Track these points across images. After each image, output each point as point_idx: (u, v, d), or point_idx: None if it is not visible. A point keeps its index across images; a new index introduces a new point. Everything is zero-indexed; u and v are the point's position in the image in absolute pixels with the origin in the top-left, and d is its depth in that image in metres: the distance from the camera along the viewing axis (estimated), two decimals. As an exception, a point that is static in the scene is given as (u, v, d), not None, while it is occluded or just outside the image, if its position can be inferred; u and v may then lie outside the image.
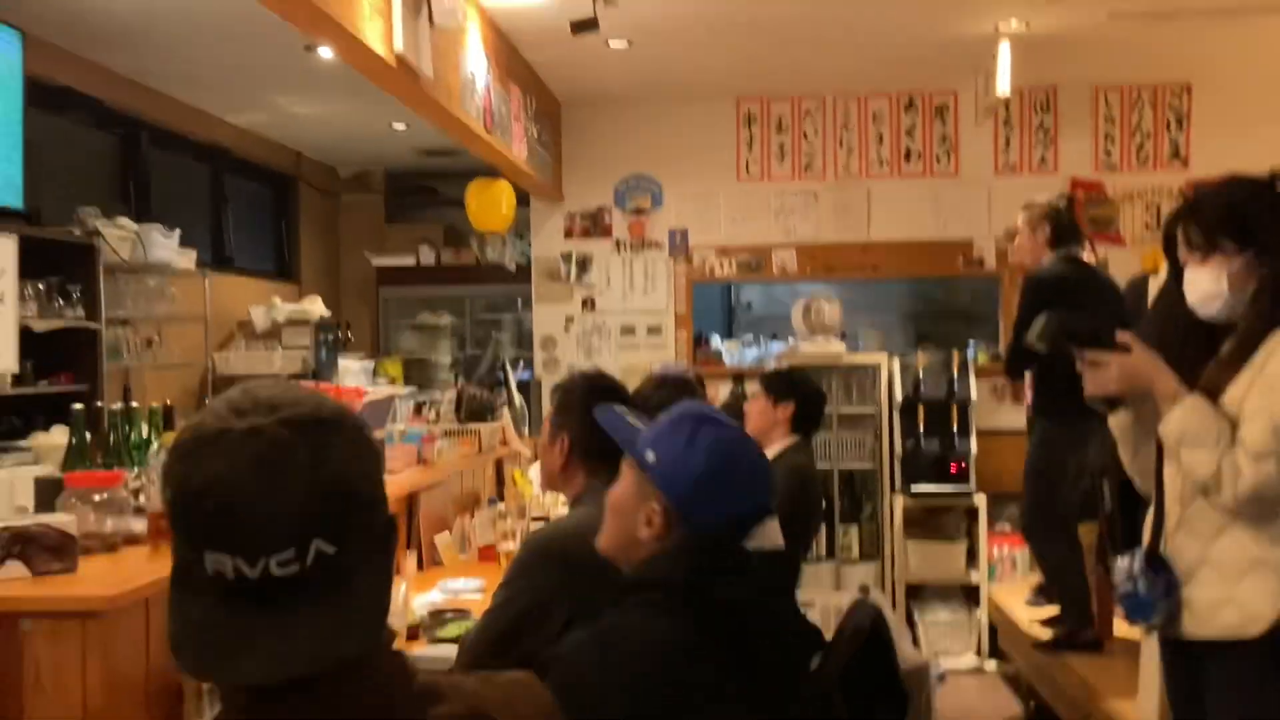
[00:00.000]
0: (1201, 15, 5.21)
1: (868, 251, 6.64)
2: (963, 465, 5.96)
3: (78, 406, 2.90)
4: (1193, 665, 2.24)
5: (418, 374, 8.41)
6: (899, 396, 6.10)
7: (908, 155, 6.63)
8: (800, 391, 3.89)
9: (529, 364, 6.87)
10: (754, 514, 1.62)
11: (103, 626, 2.04)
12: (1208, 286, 2.22)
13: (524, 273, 7.52)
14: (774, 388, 3.90)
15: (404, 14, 3.67)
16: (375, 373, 7.64)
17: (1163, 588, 2.22)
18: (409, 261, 8.56)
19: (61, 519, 2.22)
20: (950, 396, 6.04)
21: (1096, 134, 6.55)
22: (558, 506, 4.06)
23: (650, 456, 1.62)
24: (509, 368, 5.34)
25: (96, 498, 2.40)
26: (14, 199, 4.44)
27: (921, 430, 6.01)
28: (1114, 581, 2.36)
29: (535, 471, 4.58)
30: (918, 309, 7.88)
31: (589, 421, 2.58)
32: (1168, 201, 6.38)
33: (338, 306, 7.89)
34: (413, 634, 2.82)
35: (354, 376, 7.08)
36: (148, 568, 2.26)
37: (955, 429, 6.01)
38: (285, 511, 0.94)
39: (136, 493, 2.57)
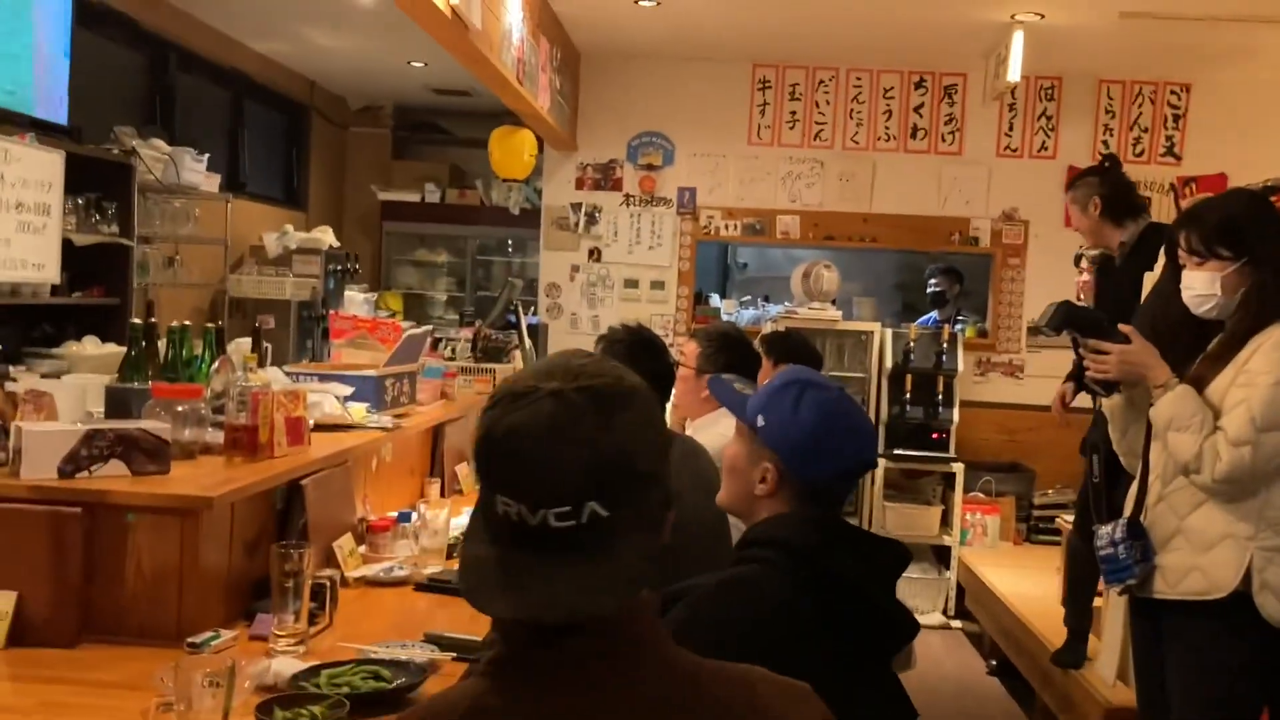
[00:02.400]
0: (1206, 21, 5.43)
1: (868, 222, 6.86)
2: (944, 434, 6.25)
3: (135, 322, 3.08)
4: (1156, 624, 2.53)
5: (415, 309, 8.60)
6: (889, 364, 6.37)
7: (914, 132, 6.84)
8: (799, 355, 4.08)
9: (533, 308, 7.07)
10: (858, 468, 1.83)
11: (198, 523, 2.26)
12: (1203, 289, 2.48)
13: (525, 217, 7.70)
14: (774, 350, 4.10)
15: (460, -33, 3.83)
16: (376, 305, 7.82)
17: (1140, 553, 2.49)
18: (414, 197, 8.71)
19: (157, 425, 2.43)
20: (938, 367, 6.31)
21: (1096, 125, 6.78)
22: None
23: (760, 421, 1.80)
24: (521, 311, 5.54)
25: (179, 408, 2.61)
26: (60, 115, 4.58)
27: (907, 398, 6.28)
28: (1096, 546, 2.64)
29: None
30: (911, 281, 8.13)
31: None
32: (1159, 195, 6.64)
33: (342, 238, 8.03)
34: (450, 553, 3.06)
35: (357, 307, 7.25)
36: (228, 474, 2.49)
37: (940, 399, 6.28)
38: (568, 470, 1.05)
39: (210, 406, 2.78)
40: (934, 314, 6.98)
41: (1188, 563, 2.40)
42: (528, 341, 5.49)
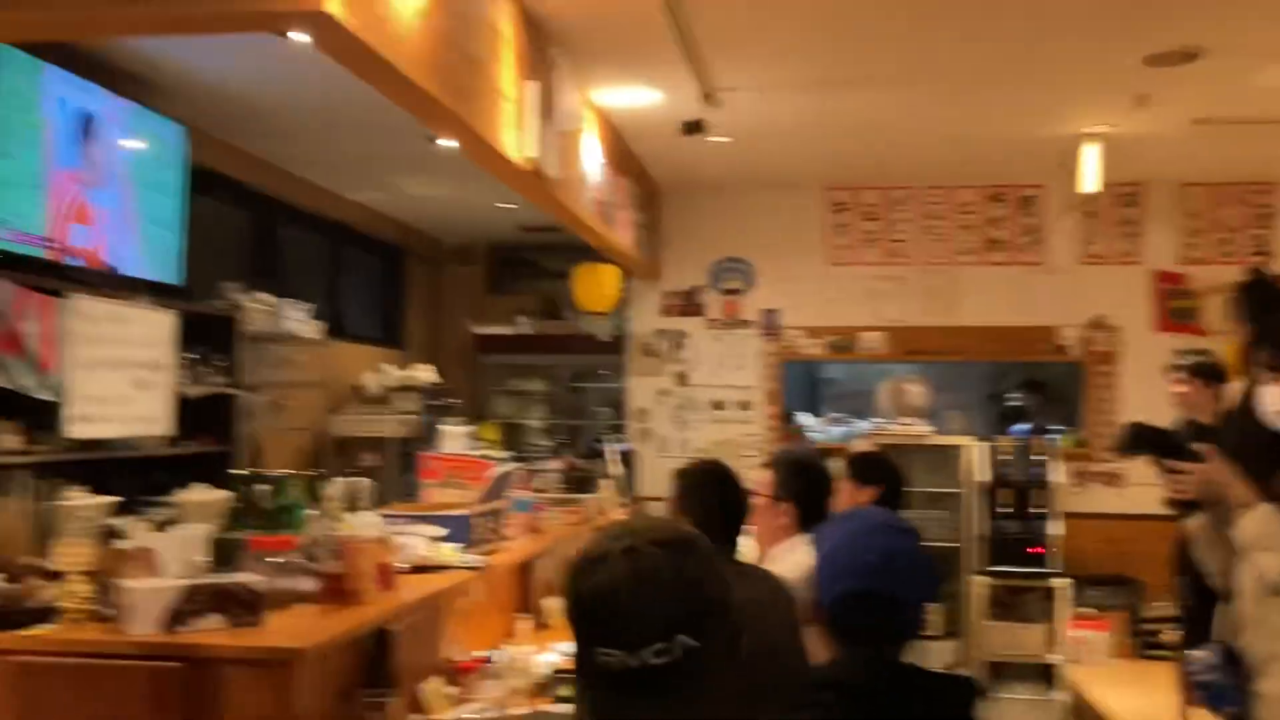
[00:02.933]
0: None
1: (954, 335, 6.86)
2: (1044, 547, 6.11)
3: (237, 472, 3.26)
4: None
5: (511, 438, 8.79)
6: (983, 477, 6.28)
7: (994, 244, 6.87)
8: (884, 476, 4.09)
9: (619, 431, 7.18)
10: (871, 594, 1.79)
11: (291, 672, 2.35)
12: (1278, 404, 2.45)
13: (616, 344, 7.88)
14: (858, 471, 4.10)
15: (535, 122, 4.06)
16: (475, 437, 8.01)
17: (1240, 678, 2.42)
18: (508, 330, 8.99)
19: (253, 578, 2.56)
20: (1033, 480, 6.20)
21: (1180, 228, 6.72)
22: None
23: None
24: (609, 440, 5.65)
25: (274, 559, 2.75)
26: (174, 277, 4.91)
27: (1004, 512, 6.18)
28: (1191, 672, 2.57)
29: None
30: (1001, 391, 8.04)
31: (705, 503, 2.93)
32: (1252, 295, 6.51)
33: (440, 372, 8.30)
34: (538, 691, 3.11)
35: (456, 441, 7.45)
36: (320, 623, 2.59)
37: (1037, 511, 6.16)
38: (656, 611, 1.20)
39: (304, 554, 2.91)
40: (1025, 424, 6.90)
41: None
42: (618, 468, 5.58)
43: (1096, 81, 4.95)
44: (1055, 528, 6.14)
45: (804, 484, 3.40)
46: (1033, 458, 6.26)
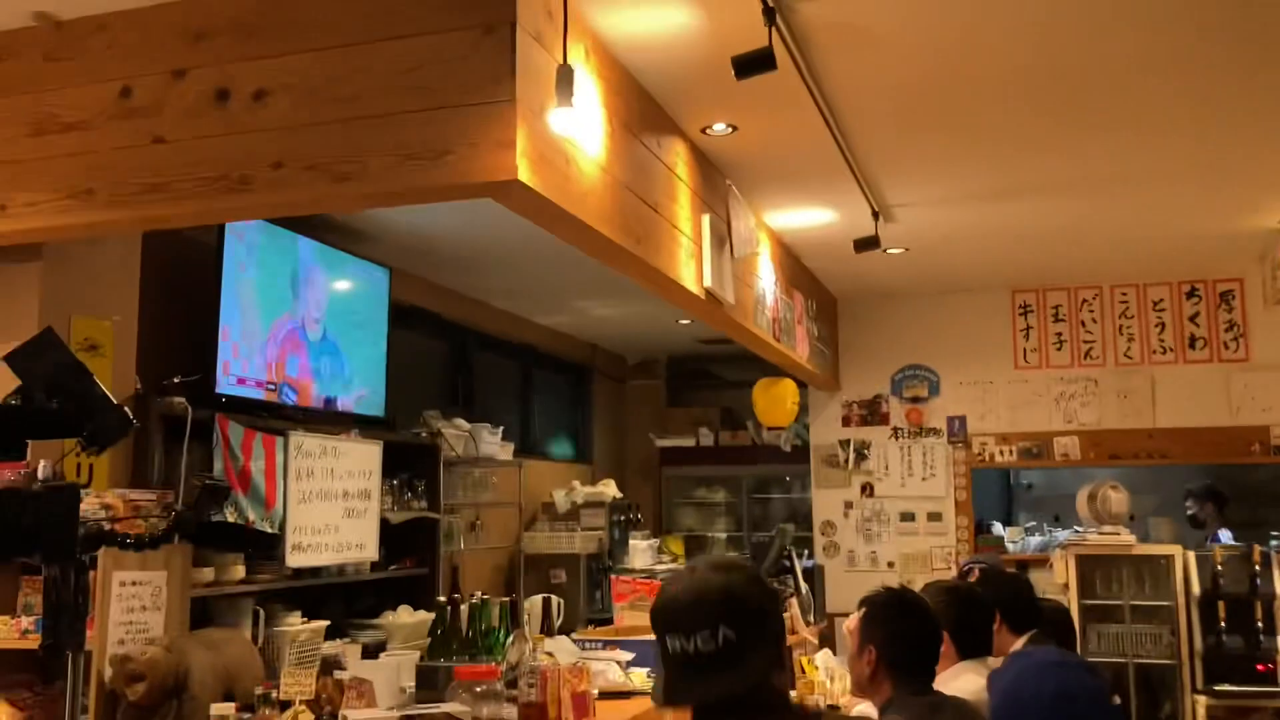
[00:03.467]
0: None
1: (1153, 438, 6.58)
2: (1270, 665, 5.69)
3: (441, 599, 3.43)
4: None
5: (696, 550, 8.84)
6: (1196, 589, 5.94)
7: (1192, 341, 6.60)
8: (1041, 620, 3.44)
9: (807, 547, 7.13)
10: None
11: (495, 805, 2.45)
12: None
13: (798, 453, 7.87)
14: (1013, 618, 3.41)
15: (712, 253, 4.21)
16: (660, 550, 8.10)
17: None
18: (689, 442, 9.11)
19: (459, 708, 2.70)
20: (1254, 590, 5.82)
21: (1396, 318, 6.31)
22: (844, 693, 4.25)
23: None
24: (795, 556, 5.63)
25: (478, 689, 2.88)
26: (379, 409, 5.25)
27: (1223, 626, 5.81)
28: None
29: (821, 659, 4.80)
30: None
31: (895, 634, 2.86)
32: None
33: (624, 486, 8.47)
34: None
35: (642, 555, 7.56)
36: (522, 753, 2.70)
37: (1261, 625, 5.76)
38: (704, 608, 1.66)
39: (503, 681, 3.03)
40: (1227, 531, 6.49)
41: None
42: (804, 586, 5.55)
43: (1291, 174, 4.77)
44: (1283, 643, 5.73)
45: (960, 613, 3.28)
46: (1255, 566, 5.88)
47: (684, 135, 4.00)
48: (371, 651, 3.96)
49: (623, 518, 7.83)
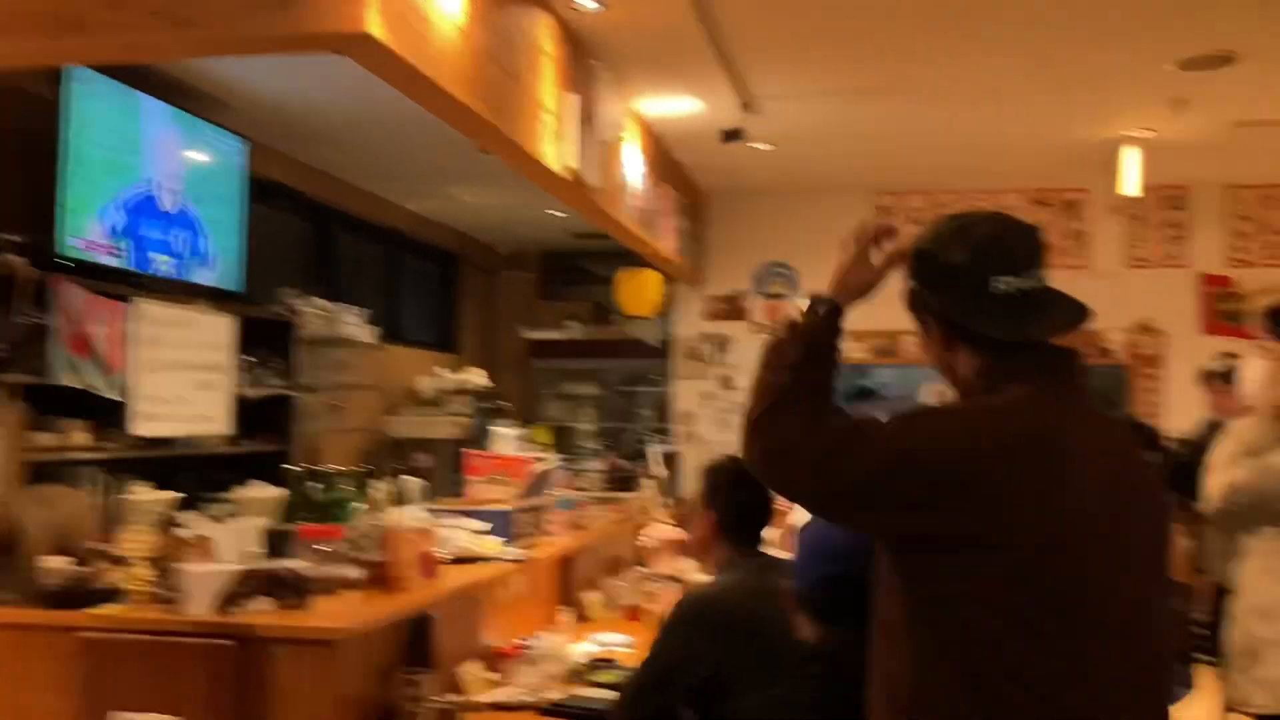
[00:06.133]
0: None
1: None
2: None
3: (291, 468, 3.44)
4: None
5: (562, 440, 8.94)
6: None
7: (1039, 248, 6.89)
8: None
9: (668, 436, 7.30)
10: (839, 578, 1.91)
11: (334, 653, 2.51)
12: (1257, 376, 2.52)
13: (665, 348, 8.01)
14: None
15: (576, 133, 4.20)
16: (526, 439, 8.18)
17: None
18: (558, 335, 9.16)
19: (299, 564, 2.73)
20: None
21: (1227, 231, 6.69)
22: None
23: None
24: (652, 441, 5.77)
25: (322, 547, 2.91)
26: (235, 283, 5.14)
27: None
28: None
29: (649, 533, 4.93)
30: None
31: (734, 502, 2.99)
32: (1302, 298, 6.47)
33: (493, 376, 8.49)
34: (572, 678, 3.24)
35: (507, 443, 7.63)
36: (364, 607, 2.75)
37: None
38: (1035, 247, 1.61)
39: (350, 544, 3.07)
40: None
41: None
42: (660, 470, 5.71)
43: (1134, 86, 4.98)
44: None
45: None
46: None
47: (550, 9, 3.96)
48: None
49: (489, 406, 7.87)
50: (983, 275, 1.52)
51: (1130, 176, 5.67)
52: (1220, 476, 2.37)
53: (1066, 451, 1.44)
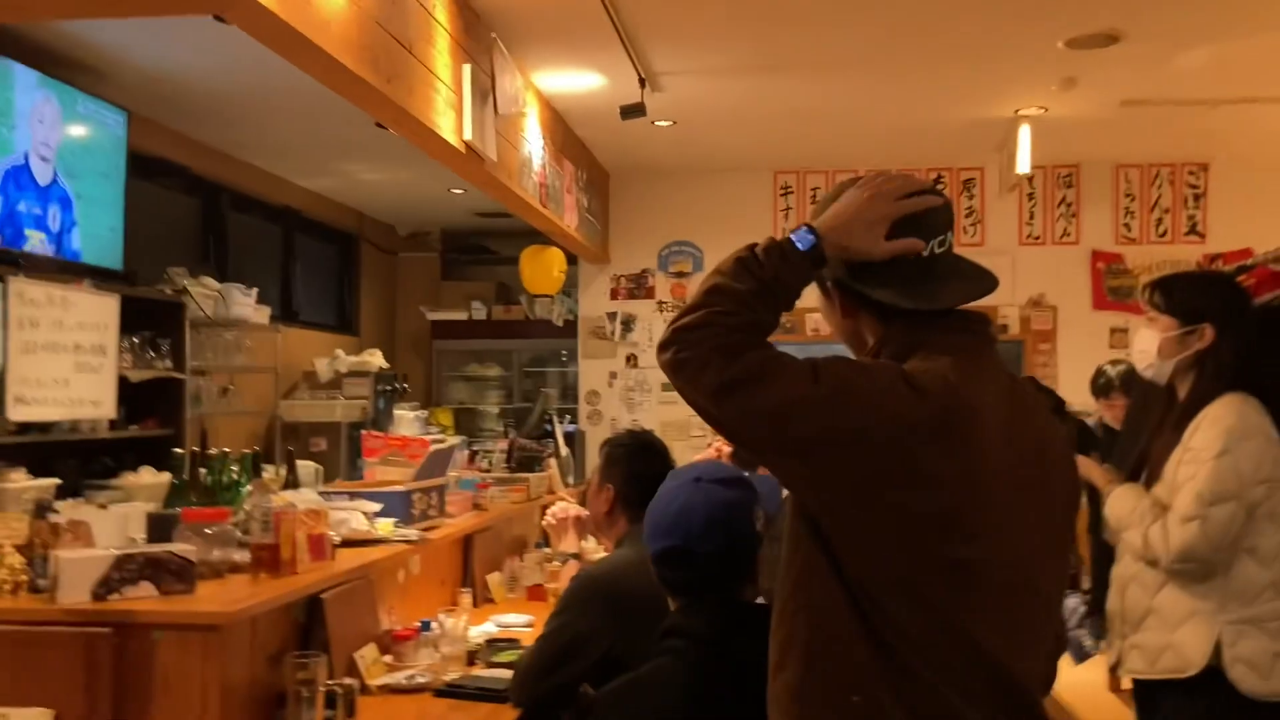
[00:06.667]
0: (1209, 104, 5.55)
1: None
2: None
3: (178, 451, 3.32)
4: (1150, 702, 2.57)
5: (467, 423, 8.84)
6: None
7: (936, 226, 6.99)
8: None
9: (574, 416, 7.26)
10: (670, 550, 1.93)
11: (220, 638, 2.42)
12: (1145, 345, 2.58)
13: (570, 328, 7.95)
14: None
15: (472, 106, 4.12)
16: (428, 421, 8.06)
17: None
18: (461, 316, 9.03)
19: (183, 547, 2.62)
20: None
21: (1117, 209, 6.89)
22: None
23: None
24: (556, 420, 5.72)
25: (208, 530, 2.81)
26: (116, 262, 4.93)
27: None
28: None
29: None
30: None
31: (632, 475, 2.96)
32: (1185, 274, 6.70)
33: (394, 358, 8.34)
34: (471, 659, 3.19)
35: (408, 425, 7.50)
36: (252, 590, 2.66)
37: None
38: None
39: (239, 527, 2.97)
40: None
41: (1161, 641, 2.45)
42: (564, 449, 5.66)
43: (1024, 64, 5.07)
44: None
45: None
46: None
47: (443, -23, 3.87)
48: (108, 510, 3.79)
49: (389, 388, 7.73)
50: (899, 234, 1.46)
51: (1023, 154, 5.78)
52: (1176, 531, 2.39)
53: (978, 412, 1.40)
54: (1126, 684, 2.77)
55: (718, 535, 1.89)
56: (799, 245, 1.46)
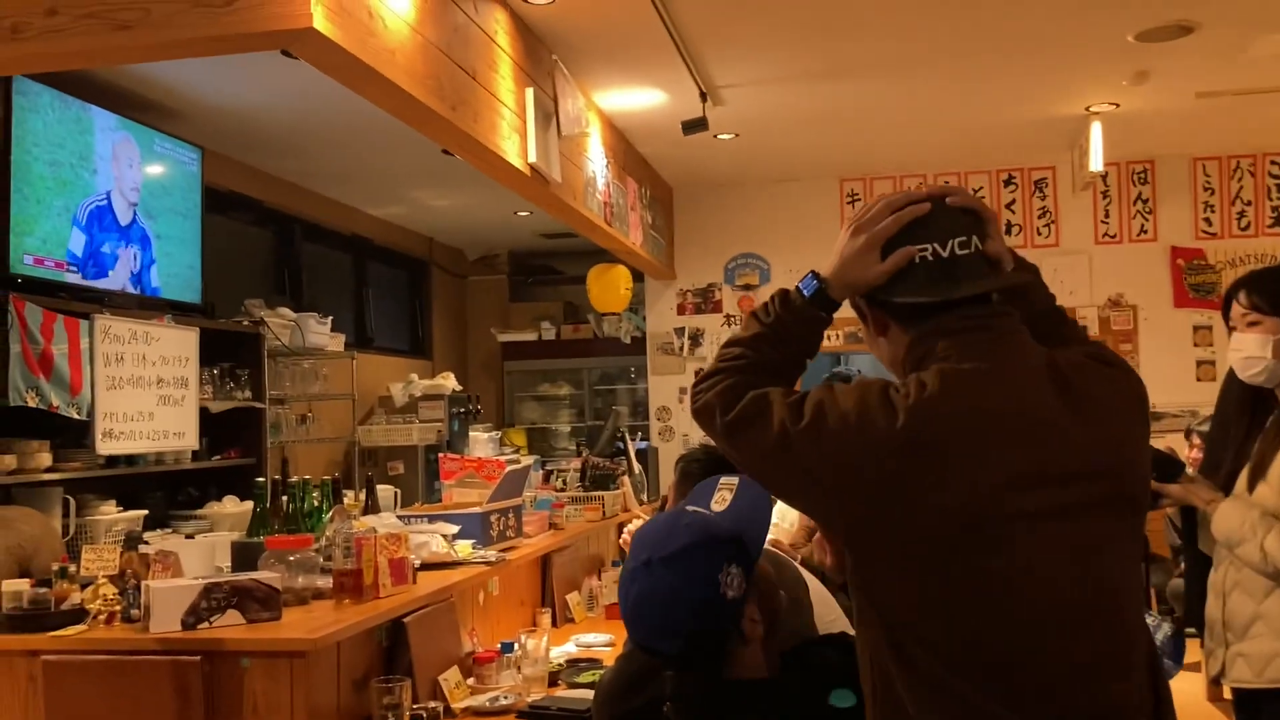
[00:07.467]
0: (1286, 91, 5.39)
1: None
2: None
3: (260, 480, 3.37)
4: (1254, 713, 2.47)
5: (540, 442, 8.90)
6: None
7: (1009, 228, 6.88)
8: None
9: (645, 432, 7.25)
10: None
11: (306, 664, 2.45)
12: (1253, 351, 2.45)
13: (638, 344, 7.96)
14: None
15: (536, 129, 4.15)
16: (502, 442, 8.12)
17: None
18: (531, 337, 9.10)
19: (268, 575, 2.66)
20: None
21: (1196, 203, 6.71)
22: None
23: None
24: (628, 438, 5.72)
25: (291, 558, 2.85)
26: (194, 295, 5.05)
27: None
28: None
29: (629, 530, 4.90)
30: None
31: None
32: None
33: (466, 381, 8.41)
34: (553, 680, 3.18)
35: (483, 446, 7.57)
36: (336, 616, 2.69)
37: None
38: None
39: (321, 553, 3.01)
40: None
41: (1270, 649, 2.35)
42: (637, 466, 5.65)
43: (1093, 60, 4.97)
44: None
45: None
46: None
47: (503, 2, 3.90)
48: (195, 541, 3.87)
49: (463, 410, 7.80)
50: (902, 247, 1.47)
51: (1096, 151, 5.66)
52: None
53: (966, 418, 1.36)
54: (1228, 693, 2.68)
55: (676, 633, 1.77)
56: (803, 290, 1.54)
